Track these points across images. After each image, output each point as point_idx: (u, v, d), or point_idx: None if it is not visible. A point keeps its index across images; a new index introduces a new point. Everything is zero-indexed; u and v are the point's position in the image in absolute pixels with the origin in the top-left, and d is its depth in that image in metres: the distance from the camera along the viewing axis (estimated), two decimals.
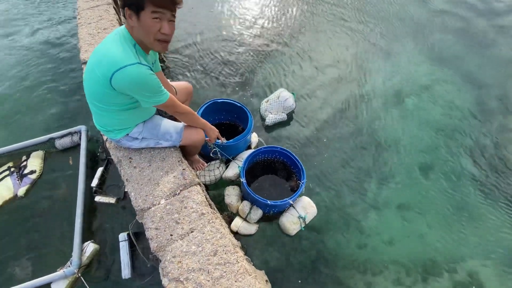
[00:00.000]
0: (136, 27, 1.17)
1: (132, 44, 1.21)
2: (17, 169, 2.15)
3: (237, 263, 1.20)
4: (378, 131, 2.48)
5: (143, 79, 1.17)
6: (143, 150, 1.55)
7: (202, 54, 3.08)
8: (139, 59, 1.17)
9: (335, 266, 1.78)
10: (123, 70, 1.13)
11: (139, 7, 1.11)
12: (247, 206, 1.88)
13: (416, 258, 1.84)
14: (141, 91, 1.21)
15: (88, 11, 2.31)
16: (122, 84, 1.17)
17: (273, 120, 2.42)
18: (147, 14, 1.12)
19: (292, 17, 3.57)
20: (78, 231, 1.78)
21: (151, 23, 1.14)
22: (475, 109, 2.70)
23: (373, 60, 3.08)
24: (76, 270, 1.65)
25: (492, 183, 2.21)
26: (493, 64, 3.10)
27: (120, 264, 1.68)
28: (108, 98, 1.25)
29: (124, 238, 1.77)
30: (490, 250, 1.89)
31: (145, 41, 1.21)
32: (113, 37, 1.20)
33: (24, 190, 2.04)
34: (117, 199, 1.97)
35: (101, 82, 1.18)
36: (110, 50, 1.15)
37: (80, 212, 1.86)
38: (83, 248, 1.76)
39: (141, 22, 1.14)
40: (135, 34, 1.20)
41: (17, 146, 2.23)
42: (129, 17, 1.15)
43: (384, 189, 2.14)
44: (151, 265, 1.61)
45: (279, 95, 2.47)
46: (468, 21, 3.57)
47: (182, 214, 1.33)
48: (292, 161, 1.96)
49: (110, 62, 1.14)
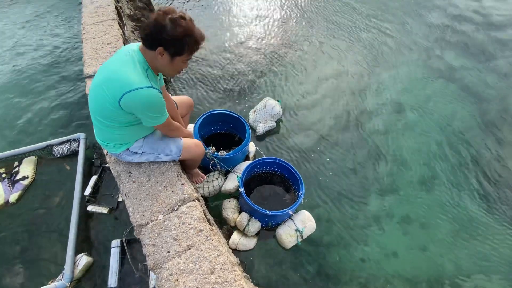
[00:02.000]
0: (165, 63, 1.22)
1: (145, 69, 1.21)
2: (9, 175, 2.07)
3: (235, 281, 1.15)
4: (379, 143, 2.45)
5: (153, 102, 1.19)
6: (143, 164, 1.51)
7: (201, 66, 3.07)
8: (150, 83, 1.18)
9: (337, 281, 1.72)
10: (135, 92, 1.13)
11: (177, 54, 1.18)
12: (245, 218, 1.83)
13: (420, 273, 1.78)
14: (148, 113, 1.22)
15: (93, 26, 2.29)
16: (131, 104, 1.17)
17: (263, 129, 2.42)
18: (181, 58, 1.21)
19: (291, 29, 3.59)
20: (72, 243, 1.70)
21: (182, 64, 1.26)
22: (477, 121, 2.66)
23: (373, 72, 3.08)
24: (67, 284, 1.57)
25: (495, 197, 2.16)
26: (494, 77, 3.08)
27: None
28: (113, 116, 1.24)
29: (117, 245, 1.70)
30: (495, 265, 1.83)
31: (166, 73, 1.30)
32: (124, 58, 1.19)
33: (16, 196, 1.96)
34: (110, 209, 1.90)
35: (109, 100, 1.17)
36: (123, 71, 1.15)
37: (75, 222, 1.78)
38: (76, 261, 1.68)
39: (173, 63, 1.22)
40: (157, 65, 1.23)
41: (14, 152, 2.15)
42: (160, 54, 1.17)
43: (386, 202, 2.08)
44: (139, 275, 1.54)
45: (266, 103, 2.46)
46: (468, 34, 3.58)
47: (180, 230, 1.28)
48: (291, 173, 1.93)
49: (122, 83, 1.14)
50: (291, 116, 2.64)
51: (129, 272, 1.61)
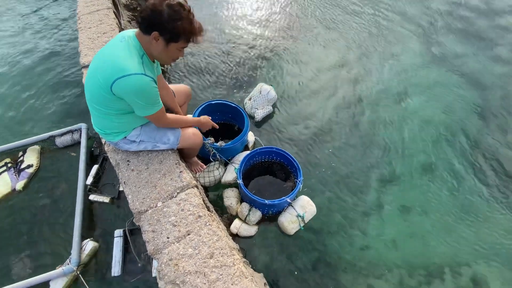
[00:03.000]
0: (159, 49, 1.18)
1: (140, 55, 1.17)
2: (14, 164, 2.09)
3: (234, 265, 1.16)
4: (379, 131, 2.39)
5: (144, 89, 1.15)
6: (141, 152, 1.50)
7: (199, 56, 3.00)
8: (144, 70, 1.14)
9: (336, 268, 1.71)
10: (127, 78, 1.10)
11: (172, 40, 1.14)
12: (245, 208, 1.83)
13: (419, 260, 1.75)
14: (138, 101, 1.18)
15: (88, 16, 2.23)
16: (122, 91, 1.14)
17: (262, 115, 2.39)
18: (176, 45, 1.17)
19: (290, 19, 3.47)
20: (78, 229, 1.73)
21: (178, 52, 1.21)
22: (478, 109, 2.59)
23: (374, 60, 2.98)
24: (75, 268, 1.60)
25: (495, 184, 2.11)
26: (495, 64, 2.98)
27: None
28: (107, 102, 1.21)
29: (119, 235, 1.72)
30: (495, 252, 1.80)
31: (161, 60, 1.25)
32: (119, 44, 1.16)
33: (22, 184, 1.98)
34: (112, 198, 1.91)
35: (102, 86, 1.14)
36: (117, 56, 1.12)
37: (80, 209, 1.80)
38: (82, 246, 1.71)
39: (168, 49, 1.18)
40: (153, 50, 1.19)
41: (18, 144, 2.16)
42: (155, 39, 1.13)
43: (386, 190, 2.05)
44: (142, 264, 1.57)
45: (261, 89, 2.42)
46: (470, 21, 3.44)
47: (179, 216, 1.28)
48: (289, 161, 1.91)
49: (115, 68, 1.10)
50: (290, 105, 2.58)
51: (133, 260, 1.64)
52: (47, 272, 1.58)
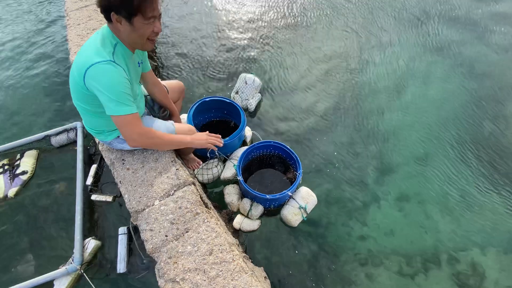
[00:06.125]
0: (127, 31, 1.05)
1: (113, 44, 1.07)
2: (11, 167, 2.00)
3: (233, 261, 1.12)
4: (376, 121, 2.32)
5: (110, 77, 1.02)
6: (136, 151, 1.43)
7: (193, 52, 2.87)
8: (114, 58, 1.04)
9: (336, 259, 1.68)
10: (94, 66, 1.00)
11: (130, 14, 1.00)
12: (247, 203, 1.77)
13: (417, 248, 1.73)
14: (104, 91, 1.03)
15: (77, 12, 2.10)
16: (91, 82, 1.03)
17: (254, 104, 2.32)
18: (140, 19, 1.03)
19: (285, 11, 3.32)
20: (79, 228, 1.66)
21: (146, 26, 1.05)
22: (475, 97, 2.51)
23: (369, 50, 2.88)
24: (78, 267, 1.55)
25: (493, 171, 2.07)
26: (491, 52, 2.88)
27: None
28: (86, 98, 1.12)
29: (124, 232, 1.66)
30: (491, 239, 1.78)
31: (137, 43, 1.11)
32: (93, 37, 1.08)
33: (14, 191, 1.89)
34: (114, 196, 1.85)
35: (77, 81, 1.06)
36: (87, 48, 1.04)
37: (80, 208, 1.73)
38: (85, 245, 1.66)
39: (134, 26, 1.04)
40: (123, 36, 1.08)
41: (13, 145, 2.06)
42: (117, 21, 1.02)
43: (384, 179, 2.01)
44: (147, 261, 1.52)
45: (245, 79, 2.32)
46: (466, 8, 3.32)
47: (177, 214, 1.23)
48: (287, 153, 1.85)
49: (85, 60, 1.01)
50: (287, 97, 2.49)
51: (137, 257, 1.59)
52: (51, 272, 1.52)
